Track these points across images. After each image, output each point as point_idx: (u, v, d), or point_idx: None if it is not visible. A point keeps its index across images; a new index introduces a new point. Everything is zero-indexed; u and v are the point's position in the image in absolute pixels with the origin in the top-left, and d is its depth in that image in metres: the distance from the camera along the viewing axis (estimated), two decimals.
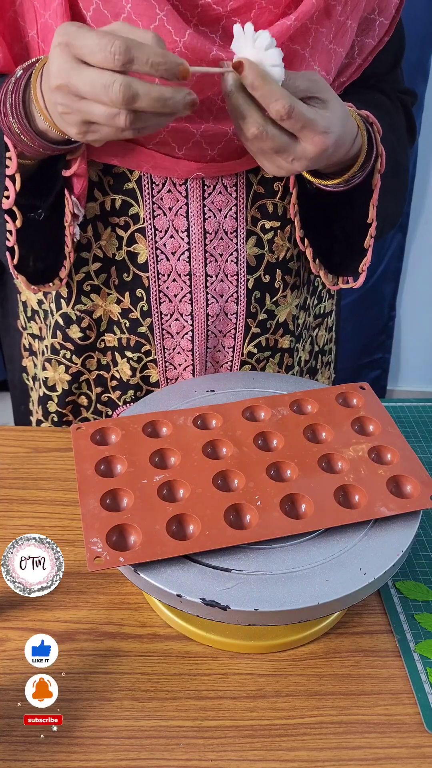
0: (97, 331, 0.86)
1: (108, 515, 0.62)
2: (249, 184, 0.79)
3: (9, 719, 0.58)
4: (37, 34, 0.71)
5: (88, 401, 0.91)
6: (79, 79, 0.57)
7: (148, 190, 0.77)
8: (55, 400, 0.92)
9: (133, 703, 0.60)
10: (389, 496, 0.65)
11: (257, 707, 0.60)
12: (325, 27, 0.73)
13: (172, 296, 0.82)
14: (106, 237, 0.80)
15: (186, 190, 0.77)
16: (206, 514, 0.62)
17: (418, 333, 2.27)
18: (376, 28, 0.79)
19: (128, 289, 0.82)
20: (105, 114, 0.57)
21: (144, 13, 0.66)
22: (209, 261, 0.80)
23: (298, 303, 0.89)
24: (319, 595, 0.57)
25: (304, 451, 0.69)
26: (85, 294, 0.83)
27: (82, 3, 0.68)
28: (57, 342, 0.88)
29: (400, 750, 0.57)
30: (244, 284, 0.83)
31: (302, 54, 0.73)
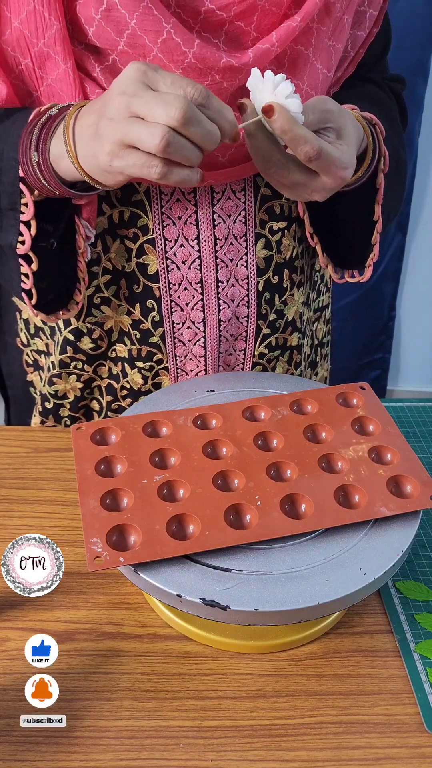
0: (108, 341, 0.85)
1: (108, 515, 0.62)
2: (257, 187, 0.79)
3: (9, 719, 0.58)
4: (31, 61, 0.70)
5: (99, 407, 0.91)
6: (143, 95, 0.57)
7: (157, 201, 0.77)
8: (67, 407, 0.91)
9: (133, 703, 0.60)
10: (389, 496, 0.65)
11: (257, 707, 0.60)
12: (326, 25, 0.74)
13: (184, 305, 0.81)
14: (115, 249, 0.79)
15: (195, 198, 0.77)
16: (206, 514, 0.62)
17: (418, 333, 2.27)
18: (366, 20, 0.80)
19: (138, 301, 0.82)
20: (147, 133, 0.56)
21: (150, 28, 0.66)
22: (220, 267, 0.80)
23: (304, 300, 0.90)
24: (319, 595, 0.57)
25: (304, 451, 0.69)
26: (96, 306, 0.83)
27: (83, 19, 0.68)
28: (67, 357, 0.87)
29: (400, 750, 0.57)
30: (255, 287, 0.83)
31: (306, 54, 0.73)
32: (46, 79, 0.71)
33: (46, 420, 0.93)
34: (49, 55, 0.69)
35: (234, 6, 0.68)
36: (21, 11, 0.68)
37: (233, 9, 0.68)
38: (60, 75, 0.69)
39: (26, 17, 0.68)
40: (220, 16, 0.69)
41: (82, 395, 0.90)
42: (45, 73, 0.70)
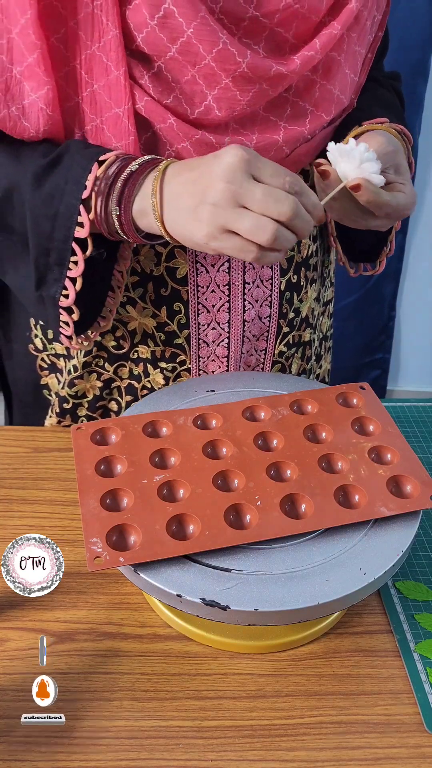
0: (131, 342, 0.85)
1: (108, 515, 0.62)
2: None
3: (9, 719, 0.58)
4: (80, 64, 0.69)
5: (118, 407, 0.91)
6: (252, 189, 0.60)
7: None
8: (85, 406, 0.91)
9: (133, 703, 0.60)
10: (389, 496, 0.65)
11: (257, 707, 0.60)
12: (355, 32, 0.75)
13: (210, 307, 0.82)
14: (144, 252, 0.79)
15: None
16: (206, 514, 0.62)
17: (418, 333, 2.27)
18: (375, 24, 0.80)
19: (165, 303, 0.82)
20: (252, 224, 0.60)
21: (207, 38, 0.66)
22: (248, 269, 0.81)
23: (315, 296, 0.91)
24: (319, 595, 0.57)
25: (304, 451, 0.69)
26: (121, 305, 0.83)
27: (133, 24, 0.67)
28: (90, 357, 0.87)
29: (399, 750, 0.57)
30: (278, 287, 0.84)
31: (338, 60, 0.75)
32: (92, 85, 0.70)
33: (63, 420, 0.93)
34: (100, 61, 0.68)
35: (278, 14, 0.69)
36: (78, 12, 0.67)
37: (276, 16, 0.69)
38: (111, 82, 0.69)
39: (83, 18, 0.67)
40: (263, 23, 0.69)
41: (101, 395, 0.90)
42: (92, 79, 0.69)
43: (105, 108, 0.70)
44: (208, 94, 0.69)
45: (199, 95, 0.70)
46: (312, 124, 0.76)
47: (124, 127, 0.70)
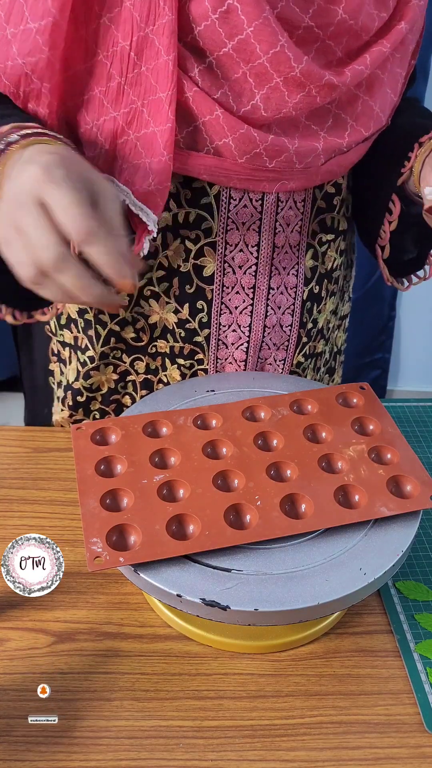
0: (150, 336, 0.85)
1: (108, 515, 0.62)
2: (314, 199, 0.81)
3: (9, 719, 0.58)
4: (130, 45, 0.68)
5: (132, 402, 0.90)
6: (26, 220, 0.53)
7: (225, 205, 0.77)
8: (99, 399, 0.91)
9: (133, 703, 0.60)
10: (389, 496, 0.65)
11: (257, 707, 0.60)
12: (399, 53, 0.77)
13: (233, 308, 0.82)
14: (173, 248, 0.79)
15: (262, 205, 0.78)
16: (206, 514, 0.62)
17: (418, 333, 2.27)
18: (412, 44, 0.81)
19: (188, 301, 0.82)
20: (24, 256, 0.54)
21: (266, 38, 0.67)
22: (274, 274, 0.82)
23: (333, 308, 0.91)
24: (319, 595, 0.57)
25: (304, 451, 0.69)
26: (145, 299, 0.83)
27: (193, 17, 0.67)
28: (108, 348, 0.86)
29: (400, 750, 0.57)
30: (301, 296, 0.84)
31: (381, 78, 0.76)
32: (140, 66, 0.69)
33: (75, 413, 0.93)
34: (153, 44, 0.68)
35: (332, 27, 0.70)
36: None
37: (330, 29, 0.70)
38: (159, 65, 0.68)
39: (140, 1, 0.67)
40: (316, 34, 0.70)
41: (116, 388, 0.90)
42: (141, 60, 0.69)
43: (149, 91, 0.69)
44: (256, 93, 0.70)
45: (247, 94, 0.70)
46: (350, 138, 0.77)
47: (165, 113, 0.69)
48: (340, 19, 0.69)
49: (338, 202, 0.83)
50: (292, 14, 0.68)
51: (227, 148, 0.72)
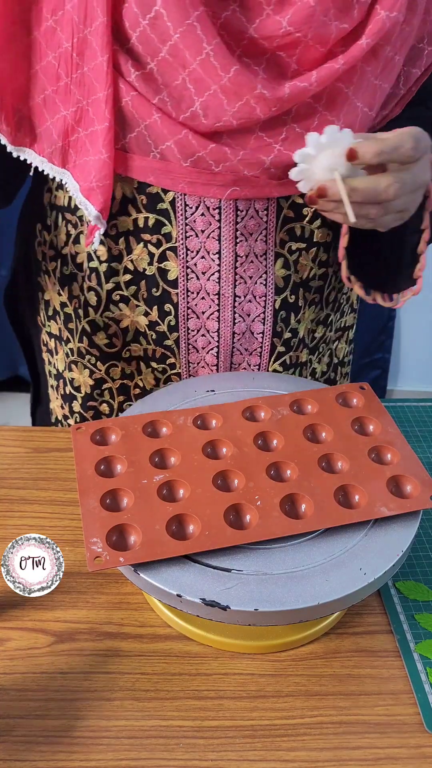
0: (123, 341, 0.86)
1: (108, 515, 0.62)
2: (279, 209, 0.79)
3: (9, 719, 0.58)
4: (72, 46, 0.71)
5: (110, 409, 0.91)
6: None
7: (182, 212, 0.77)
8: (78, 401, 0.92)
9: (133, 703, 0.60)
10: (389, 496, 0.65)
11: (257, 707, 0.60)
12: (371, 66, 0.73)
13: (200, 313, 0.82)
14: (137, 252, 0.80)
15: (219, 214, 0.77)
16: (206, 514, 0.62)
17: (418, 333, 2.27)
18: (423, 57, 0.78)
19: (157, 304, 0.82)
20: None
21: (191, 45, 0.67)
22: (238, 283, 0.81)
23: (315, 318, 0.89)
24: (319, 595, 0.57)
25: (304, 451, 0.69)
26: (114, 303, 0.84)
27: (129, 23, 0.68)
28: (83, 347, 0.88)
29: (400, 750, 0.57)
30: (272, 305, 0.83)
31: (345, 92, 0.73)
32: (83, 67, 0.71)
33: (65, 406, 0.94)
34: (91, 45, 0.70)
35: (278, 39, 0.68)
36: None
37: (276, 41, 0.68)
38: (97, 66, 0.70)
39: (77, 3, 0.69)
40: (262, 45, 0.69)
41: (92, 394, 0.91)
42: (83, 61, 0.71)
43: (91, 91, 0.72)
44: (196, 100, 0.70)
45: (187, 100, 0.70)
46: None
47: (102, 112, 0.71)
48: (285, 32, 0.67)
49: (310, 212, 0.81)
50: (237, 24, 0.68)
51: (171, 152, 0.73)
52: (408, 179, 0.65)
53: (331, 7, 0.67)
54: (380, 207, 0.65)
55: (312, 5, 0.66)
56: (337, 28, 0.69)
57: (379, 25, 0.70)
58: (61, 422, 0.98)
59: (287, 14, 0.67)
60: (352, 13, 0.69)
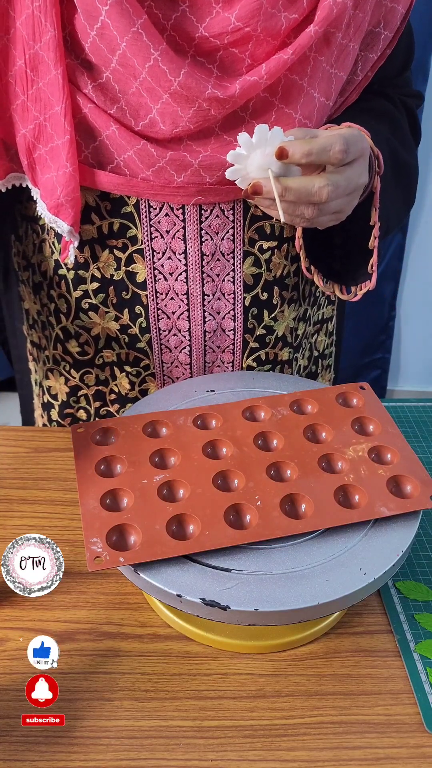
0: (96, 348, 0.86)
1: (108, 515, 0.62)
2: (246, 208, 0.79)
3: (9, 719, 0.58)
4: (25, 63, 0.71)
5: (87, 415, 0.92)
6: None
7: (146, 214, 0.77)
8: (56, 409, 0.93)
9: (133, 703, 0.60)
10: (389, 496, 0.65)
11: (257, 707, 0.60)
12: (325, 54, 0.73)
13: (170, 313, 0.82)
14: (104, 259, 0.80)
15: (183, 214, 0.77)
16: (206, 514, 0.62)
17: (418, 333, 2.27)
18: (380, 42, 0.78)
19: (127, 307, 0.82)
20: None
21: (138, 53, 0.67)
22: (206, 281, 0.81)
23: (296, 316, 0.89)
24: (319, 595, 0.57)
25: (304, 451, 0.69)
26: (84, 311, 0.84)
27: (80, 35, 0.69)
28: (58, 354, 0.89)
29: (400, 750, 0.57)
30: (241, 302, 0.83)
31: (300, 84, 0.72)
32: (37, 83, 0.71)
33: (44, 415, 0.95)
34: (43, 60, 0.70)
35: (227, 35, 0.68)
36: (22, 13, 0.69)
37: (227, 38, 0.68)
38: (51, 80, 0.70)
39: (25, 19, 0.69)
40: (213, 43, 0.69)
41: (69, 401, 0.91)
42: (37, 77, 0.71)
43: (48, 106, 0.72)
44: (152, 107, 0.70)
45: (144, 108, 0.70)
46: None
47: (62, 126, 0.71)
48: (234, 27, 0.67)
49: None
50: (188, 24, 0.68)
51: (132, 162, 0.73)
52: (342, 182, 0.64)
53: None
54: (314, 208, 0.65)
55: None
56: (287, 19, 0.69)
57: (326, 12, 0.69)
58: None
59: (235, 9, 0.67)
60: (301, 2, 0.69)
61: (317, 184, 0.63)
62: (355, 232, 0.78)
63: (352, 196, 0.68)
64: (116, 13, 0.66)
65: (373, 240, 0.76)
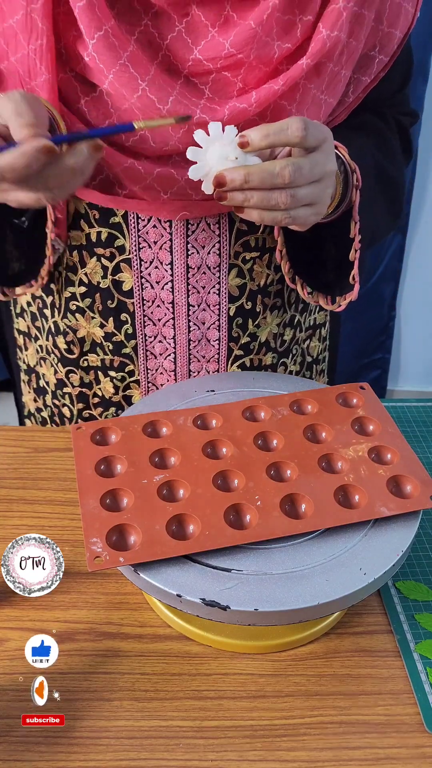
0: (81, 350, 0.87)
1: (108, 515, 0.62)
2: (232, 222, 0.79)
3: (9, 719, 0.58)
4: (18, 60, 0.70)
5: (70, 414, 0.92)
6: None
7: (134, 225, 0.78)
8: (50, 394, 0.93)
9: (133, 703, 0.60)
10: (389, 496, 0.65)
11: (257, 707, 0.60)
12: (315, 83, 0.73)
13: (156, 320, 0.83)
14: (91, 266, 0.81)
15: (170, 227, 0.78)
16: (206, 514, 0.62)
17: (418, 333, 2.27)
18: (374, 65, 0.78)
19: (112, 315, 0.83)
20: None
21: (126, 84, 0.68)
22: (191, 292, 0.81)
23: (281, 321, 0.89)
24: (319, 595, 0.57)
25: (304, 451, 0.69)
26: (71, 312, 0.85)
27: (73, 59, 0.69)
28: (49, 345, 0.89)
29: (400, 750, 0.57)
30: (226, 313, 0.84)
31: (289, 109, 0.73)
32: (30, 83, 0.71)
33: (38, 400, 0.96)
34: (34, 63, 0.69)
35: (221, 60, 0.69)
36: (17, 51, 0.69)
37: (220, 62, 0.69)
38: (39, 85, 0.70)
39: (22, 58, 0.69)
40: (206, 67, 0.69)
41: (55, 393, 0.92)
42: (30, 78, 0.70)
43: None
44: None
45: None
46: None
47: None
48: (228, 53, 0.68)
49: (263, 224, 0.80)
50: (183, 46, 0.69)
51: (119, 179, 0.74)
52: (305, 164, 0.62)
53: (274, 27, 0.68)
54: (285, 194, 0.63)
55: (253, 27, 0.67)
56: (280, 48, 0.69)
57: (319, 45, 0.70)
58: (33, 415, 0.99)
59: (230, 36, 0.68)
60: (295, 32, 0.70)
61: (278, 165, 0.62)
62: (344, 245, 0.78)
63: (323, 183, 0.66)
64: (102, 46, 0.66)
65: (353, 252, 0.76)
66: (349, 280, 0.78)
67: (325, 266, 0.82)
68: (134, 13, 0.69)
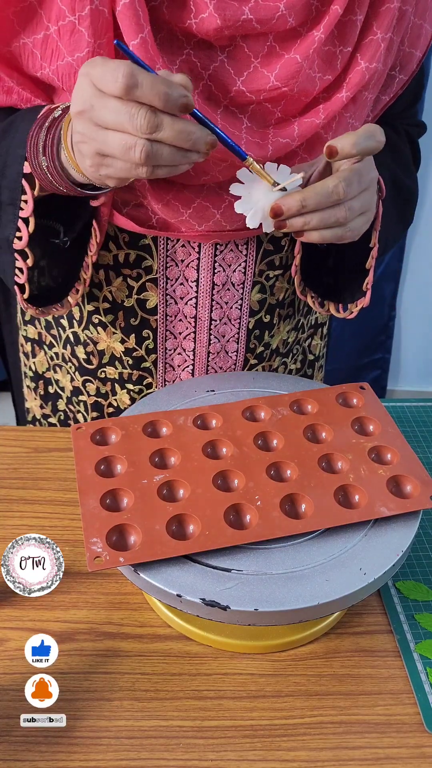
0: (99, 362, 0.87)
1: (108, 515, 0.62)
2: (259, 243, 0.80)
3: (9, 719, 0.58)
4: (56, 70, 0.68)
5: (84, 421, 0.92)
6: (102, 106, 0.54)
7: (164, 246, 0.78)
8: (64, 399, 0.93)
9: (133, 703, 0.60)
10: (389, 496, 0.65)
11: (257, 707, 0.60)
12: (350, 111, 0.74)
13: (177, 333, 0.83)
14: (116, 285, 0.81)
15: (199, 247, 0.78)
16: (206, 514, 0.62)
17: (418, 333, 2.27)
18: (394, 85, 0.79)
19: (134, 332, 0.83)
20: (121, 145, 0.55)
21: None
22: (215, 308, 0.82)
23: (290, 328, 0.91)
24: (319, 595, 0.57)
25: (304, 451, 0.69)
26: (93, 325, 0.85)
27: None
28: (67, 353, 0.89)
29: (400, 750, 0.57)
30: (245, 326, 0.85)
31: (325, 137, 0.74)
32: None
33: (45, 406, 0.95)
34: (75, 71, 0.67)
35: (264, 92, 0.69)
36: None
37: (263, 95, 0.69)
38: None
39: None
40: (249, 98, 0.69)
41: (70, 399, 0.92)
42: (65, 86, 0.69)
43: None
44: None
45: None
46: None
47: None
48: (272, 86, 0.68)
49: (287, 243, 0.82)
50: (225, 78, 0.69)
51: (155, 211, 0.74)
52: (353, 176, 0.63)
53: (317, 60, 0.69)
54: (343, 209, 0.64)
55: (299, 61, 0.67)
56: (321, 80, 0.71)
57: (358, 77, 0.71)
58: (39, 421, 0.99)
59: (275, 69, 0.68)
60: (336, 64, 0.71)
61: (331, 183, 0.62)
62: (349, 254, 0.78)
63: (370, 190, 0.67)
64: None
65: (371, 260, 0.76)
66: (361, 287, 0.78)
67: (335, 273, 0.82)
68: (175, 42, 0.68)
